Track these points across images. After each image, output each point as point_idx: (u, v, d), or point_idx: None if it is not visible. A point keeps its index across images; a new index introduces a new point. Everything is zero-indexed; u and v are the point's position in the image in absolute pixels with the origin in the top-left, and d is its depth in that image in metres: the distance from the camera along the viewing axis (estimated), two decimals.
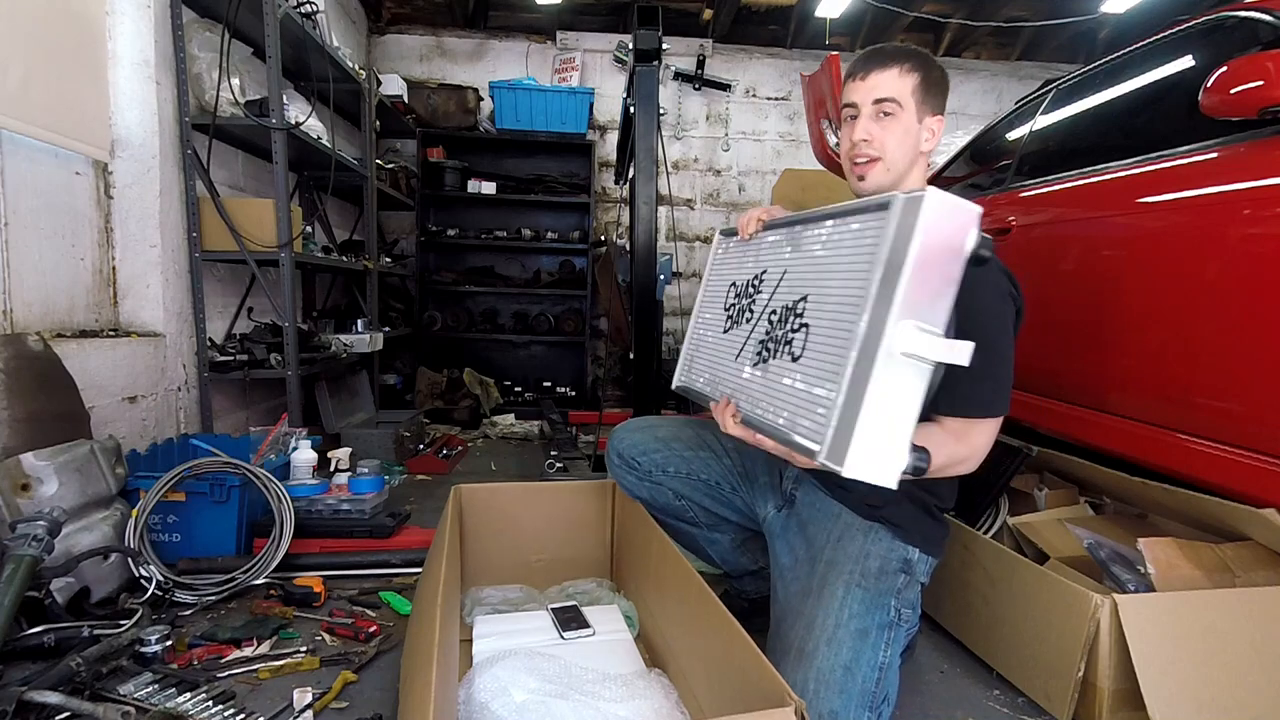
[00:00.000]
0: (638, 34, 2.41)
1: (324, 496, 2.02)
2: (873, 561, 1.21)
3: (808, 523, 1.34)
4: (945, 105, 1.30)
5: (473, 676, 1.20)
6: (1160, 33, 1.85)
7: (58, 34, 1.96)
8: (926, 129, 1.27)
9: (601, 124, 4.83)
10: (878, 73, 1.25)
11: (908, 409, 0.87)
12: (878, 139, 1.26)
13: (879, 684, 1.12)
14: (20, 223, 1.85)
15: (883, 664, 1.14)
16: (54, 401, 1.75)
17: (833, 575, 1.21)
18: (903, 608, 1.19)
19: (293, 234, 2.44)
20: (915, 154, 1.28)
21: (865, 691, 1.11)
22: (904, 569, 1.22)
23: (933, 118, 1.27)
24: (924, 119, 1.26)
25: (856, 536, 1.25)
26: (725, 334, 1.35)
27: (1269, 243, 1.31)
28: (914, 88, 1.24)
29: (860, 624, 1.15)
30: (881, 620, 1.16)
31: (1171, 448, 1.50)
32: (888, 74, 1.24)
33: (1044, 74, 4.83)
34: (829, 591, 1.19)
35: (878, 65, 1.25)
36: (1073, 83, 2.17)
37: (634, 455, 1.53)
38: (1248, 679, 1.22)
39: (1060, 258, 1.88)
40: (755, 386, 1.17)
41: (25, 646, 1.36)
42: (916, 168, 1.30)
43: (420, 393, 4.15)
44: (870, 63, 1.26)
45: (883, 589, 1.19)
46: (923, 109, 1.26)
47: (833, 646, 1.13)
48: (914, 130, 1.26)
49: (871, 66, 1.25)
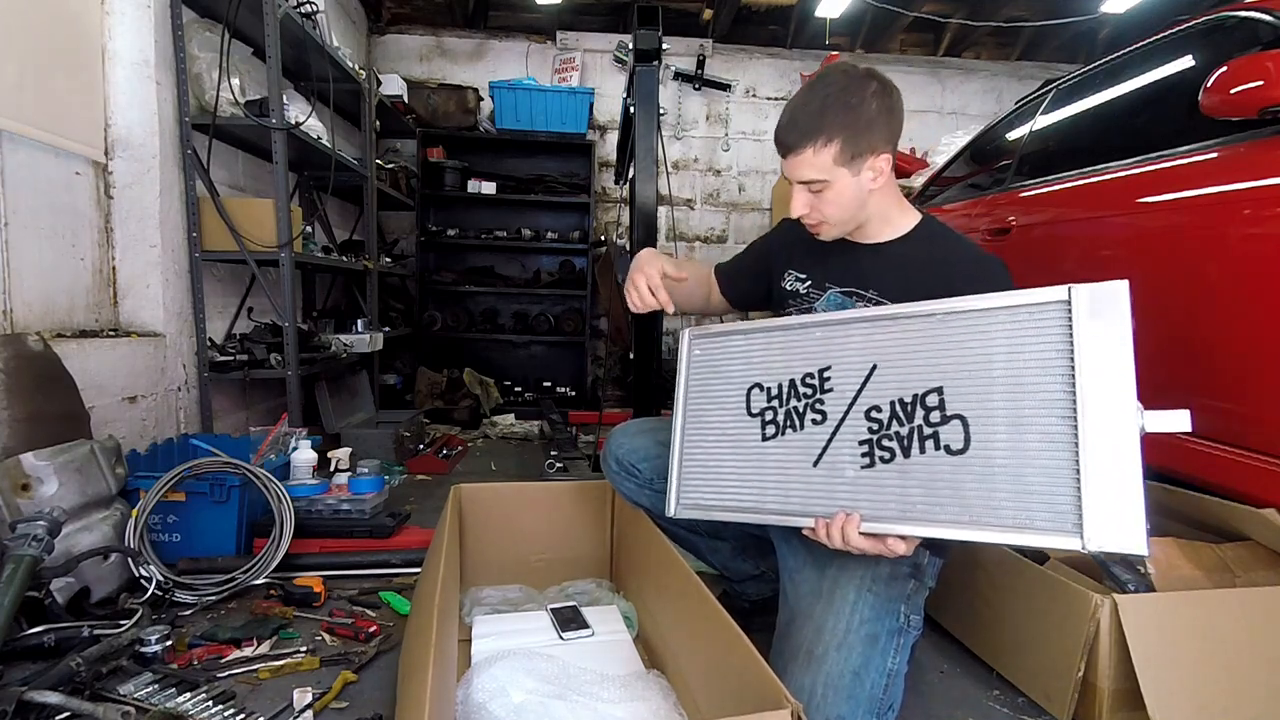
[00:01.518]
0: (638, 34, 2.41)
1: (324, 496, 2.02)
2: (883, 566, 1.20)
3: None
4: (893, 133, 1.21)
5: (471, 677, 1.20)
6: (1160, 33, 1.85)
7: (51, 34, 1.97)
8: (870, 170, 1.20)
9: (601, 124, 4.83)
10: (793, 156, 1.19)
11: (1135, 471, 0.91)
12: (816, 212, 1.23)
13: (887, 690, 1.12)
14: (20, 222, 1.85)
15: (891, 670, 1.13)
16: (54, 401, 1.75)
17: (844, 579, 1.19)
18: (912, 614, 1.19)
19: (293, 234, 2.44)
20: (862, 200, 1.23)
21: (873, 698, 1.10)
22: (914, 574, 1.22)
23: (873, 159, 1.19)
24: (860, 171, 1.19)
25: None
26: (769, 441, 1.20)
27: (1269, 243, 1.31)
28: (835, 156, 1.17)
29: (871, 629, 1.14)
30: (891, 626, 1.16)
31: (1171, 448, 1.50)
32: (802, 157, 1.18)
33: (1044, 74, 4.83)
34: (840, 595, 1.17)
35: (793, 145, 1.18)
36: (1073, 83, 2.17)
37: (634, 461, 1.49)
38: (1248, 679, 1.22)
39: (1060, 258, 1.88)
40: (870, 489, 1.08)
41: (25, 646, 1.36)
42: (876, 202, 1.25)
43: (420, 393, 4.15)
44: (787, 139, 1.19)
45: (893, 594, 1.18)
46: (855, 164, 1.18)
47: (843, 651, 1.12)
48: (850, 188, 1.20)
49: (788, 145, 1.19)
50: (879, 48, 4.99)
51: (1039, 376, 0.98)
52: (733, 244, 5.08)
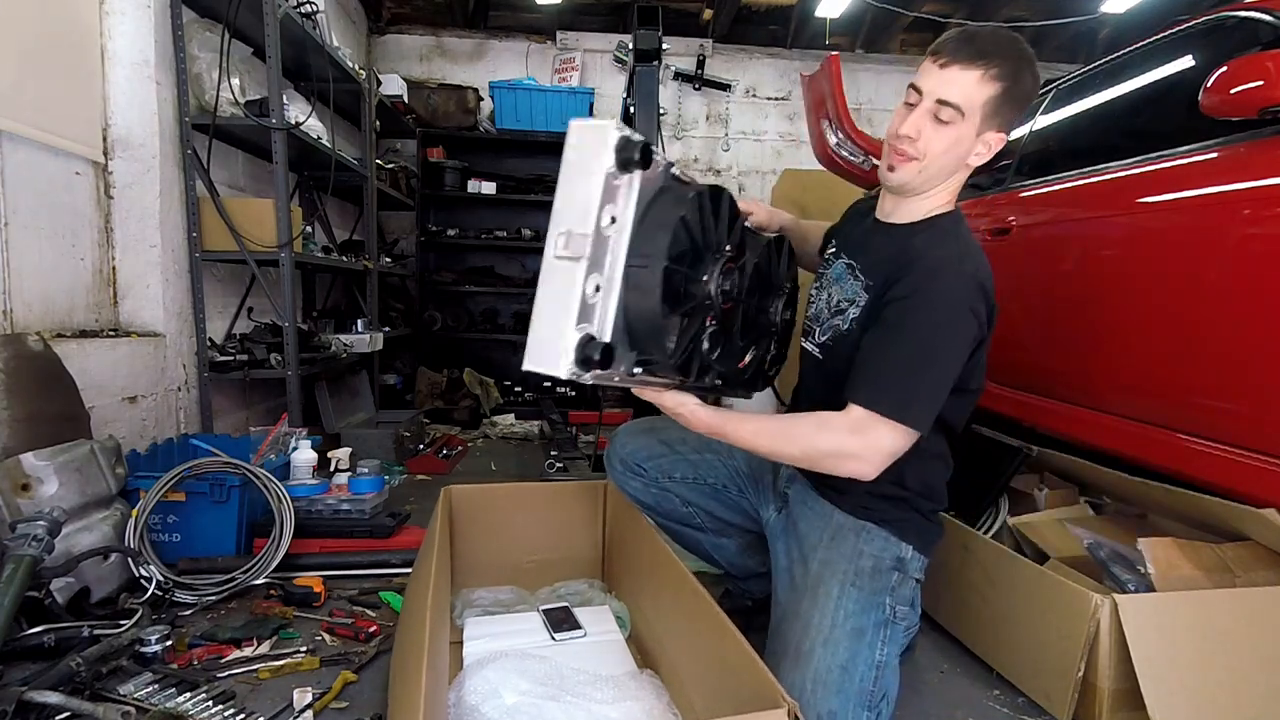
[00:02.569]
0: (638, 34, 2.41)
1: (324, 496, 2.02)
2: (866, 561, 1.21)
3: (799, 521, 1.34)
4: (1016, 122, 1.17)
5: (463, 679, 1.20)
6: (1160, 33, 1.85)
7: (51, 34, 1.97)
8: (983, 143, 1.15)
9: None
10: (958, 69, 1.09)
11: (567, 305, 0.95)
12: (924, 140, 1.14)
13: (876, 682, 1.12)
14: (20, 223, 1.85)
15: (879, 662, 1.14)
16: (54, 401, 1.75)
17: (827, 575, 1.21)
18: (898, 605, 1.19)
19: (293, 234, 2.44)
20: (958, 165, 1.17)
21: (863, 691, 1.11)
22: (897, 567, 1.22)
23: (995, 134, 1.15)
24: (984, 133, 1.14)
25: (849, 536, 1.25)
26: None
27: (1269, 242, 1.31)
28: (988, 99, 1.10)
29: (856, 623, 1.15)
30: (877, 619, 1.16)
31: (1171, 448, 1.50)
32: (968, 75, 1.09)
33: (1044, 74, 4.81)
34: (824, 591, 1.19)
35: (962, 59, 1.09)
36: (1073, 83, 2.17)
37: (639, 460, 1.51)
38: (1247, 679, 1.22)
39: (1060, 258, 1.88)
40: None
41: (25, 646, 1.36)
42: (954, 178, 1.20)
43: (420, 393, 4.15)
44: (957, 53, 1.10)
45: (877, 588, 1.19)
46: (987, 123, 1.13)
47: (829, 647, 1.13)
48: (967, 141, 1.14)
49: (956, 58, 1.10)
50: (879, 48, 4.99)
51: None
52: None
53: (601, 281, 0.98)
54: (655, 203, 1.02)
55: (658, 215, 1.01)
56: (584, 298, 0.95)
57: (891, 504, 1.25)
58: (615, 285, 0.99)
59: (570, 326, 0.94)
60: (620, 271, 0.99)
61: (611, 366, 0.98)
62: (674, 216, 1.00)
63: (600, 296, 0.98)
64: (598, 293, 0.97)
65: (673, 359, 1.06)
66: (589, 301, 0.96)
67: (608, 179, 0.94)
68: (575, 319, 0.94)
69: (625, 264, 0.99)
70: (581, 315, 0.95)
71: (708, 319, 1.10)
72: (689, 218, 1.02)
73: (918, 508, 1.27)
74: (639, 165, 0.94)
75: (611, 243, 0.98)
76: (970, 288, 1.12)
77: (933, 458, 1.27)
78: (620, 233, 0.98)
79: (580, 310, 0.95)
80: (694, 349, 1.10)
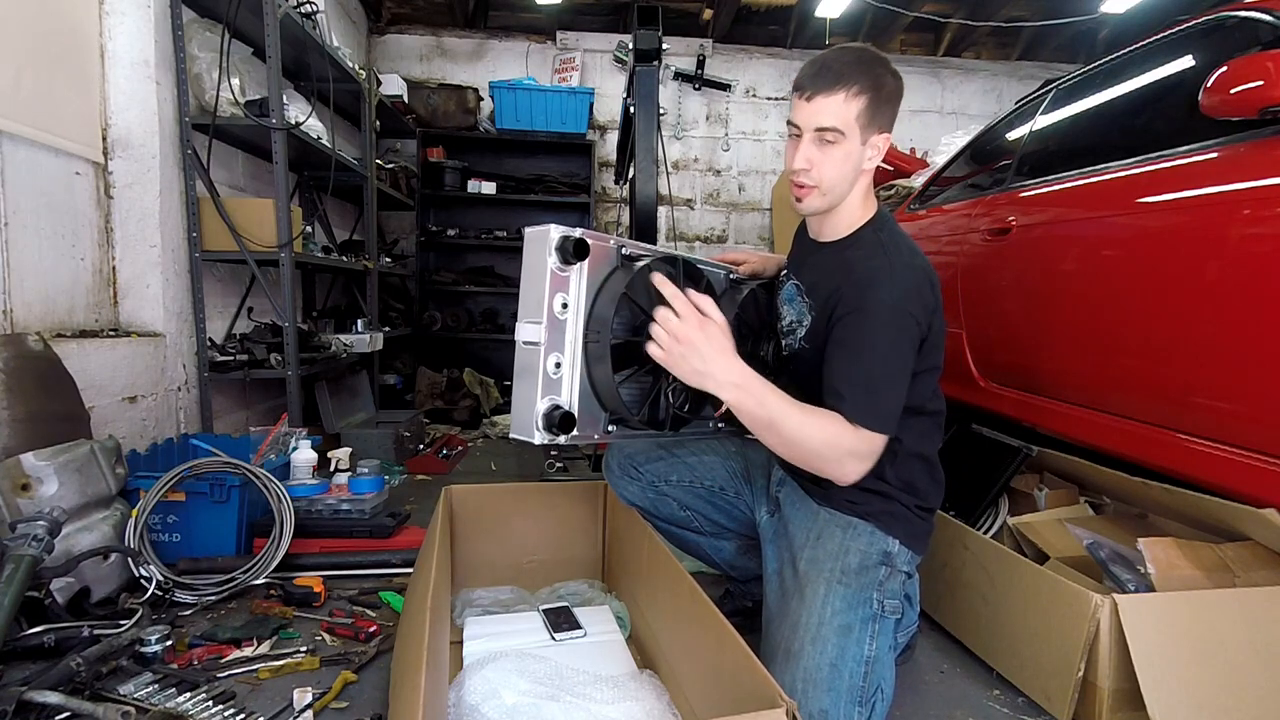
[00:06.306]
0: (638, 34, 2.41)
1: (324, 496, 2.02)
2: (852, 557, 1.22)
3: (789, 521, 1.35)
4: (895, 117, 1.25)
5: (463, 679, 1.20)
6: (1160, 33, 1.85)
7: (50, 34, 1.97)
8: (871, 147, 1.23)
9: (601, 124, 4.83)
10: (823, 97, 1.19)
11: (533, 383, 1.12)
12: (817, 169, 1.22)
13: (867, 678, 1.13)
14: (20, 222, 1.85)
15: (869, 658, 1.14)
16: (54, 401, 1.75)
17: (814, 573, 1.21)
18: (886, 599, 1.19)
19: (293, 234, 2.44)
20: (856, 175, 1.25)
21: (854, 687, 1.11)
22: (884, 561, 1.23)
23: (878, 135, 1.23)
24: (869, 139, 1.22)
25: (835, 533, 1.25)
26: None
27: (1269, 242, 1.31)
28: (860, 111, 1.18)
29: (843, 620, 1.15)
30: (865, 615, 1.16)
31: (1171, 448, 1.50)
32: (833, 99, 1.18)
33: (1044, 74, 4.83)
34: (811, 590, 1.19)
35: (824, 88, 1.18)
36: (1073, 83, 2.17)
37: (637, 463, 1.51)
38: (1247, 679, 1.22)
39: (1060, 258, 1.88)
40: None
41: (25, 646, 1.36)
42: (857, 188, 1.27)
43: (420, 393, 4.15)
44: (817, 83, 1.19)
45: (864, 583, 1.20)
46: (868, 130, 1.21)
47: (817, 645, 1.13)
48: (855, 154, 1.22)
49: (818, 88, 1.19)
50: (879, 47, 4.94)
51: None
52: (732, 244, 5.08)
53: (562, 358, 1.14)
54: (606, 282, 1.18)
55: (608, 293, 1.17)
56: (546, 374, 1.12)
57: (877, 497, 1.27)
58: (577, 359, 1.15)
59: (537, 399, 1.11)
60: (580, 346, 1.15)
61: (576, 430, 1.13)
62: (618, 292, 1.15)
63: (564, 370, 1.14)
64: (559, 369, 1.13)
65: (637, 414, 1.22)
66: (552, 377, 1.13)
67: (553, 273, 1.12)
68: (540, 393, 1.11)
69: (582, 339, 1.15)
70: (546, 389, 1.12)
71: (668, 376, 1.22)
72: (633, 292, 1.16)
73: (902, 502, 1.28)
74: (575, 257, 1.11)
75: (568, 324, 1.14)
76: (904, 293, 1.19)
77: (910, 456, 1.29)
78: (575, 314, 1.15)
79: (544, 385, 1.12)
80: (660, 404, 1.26)
